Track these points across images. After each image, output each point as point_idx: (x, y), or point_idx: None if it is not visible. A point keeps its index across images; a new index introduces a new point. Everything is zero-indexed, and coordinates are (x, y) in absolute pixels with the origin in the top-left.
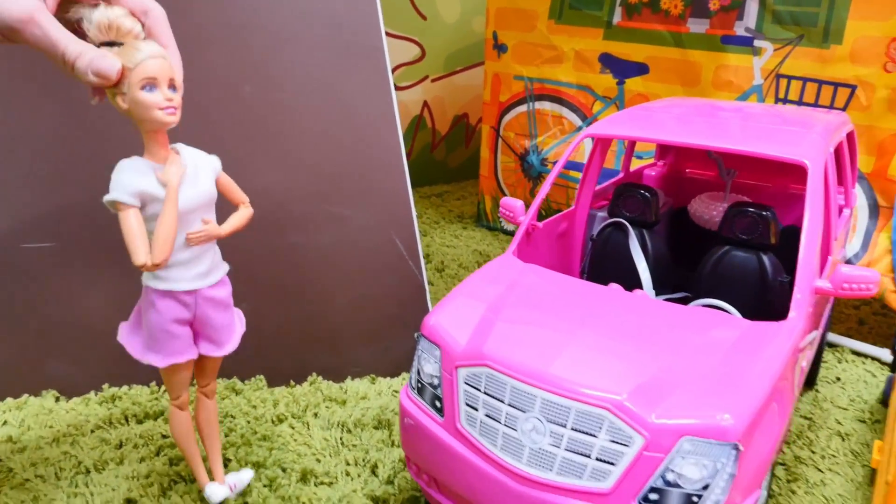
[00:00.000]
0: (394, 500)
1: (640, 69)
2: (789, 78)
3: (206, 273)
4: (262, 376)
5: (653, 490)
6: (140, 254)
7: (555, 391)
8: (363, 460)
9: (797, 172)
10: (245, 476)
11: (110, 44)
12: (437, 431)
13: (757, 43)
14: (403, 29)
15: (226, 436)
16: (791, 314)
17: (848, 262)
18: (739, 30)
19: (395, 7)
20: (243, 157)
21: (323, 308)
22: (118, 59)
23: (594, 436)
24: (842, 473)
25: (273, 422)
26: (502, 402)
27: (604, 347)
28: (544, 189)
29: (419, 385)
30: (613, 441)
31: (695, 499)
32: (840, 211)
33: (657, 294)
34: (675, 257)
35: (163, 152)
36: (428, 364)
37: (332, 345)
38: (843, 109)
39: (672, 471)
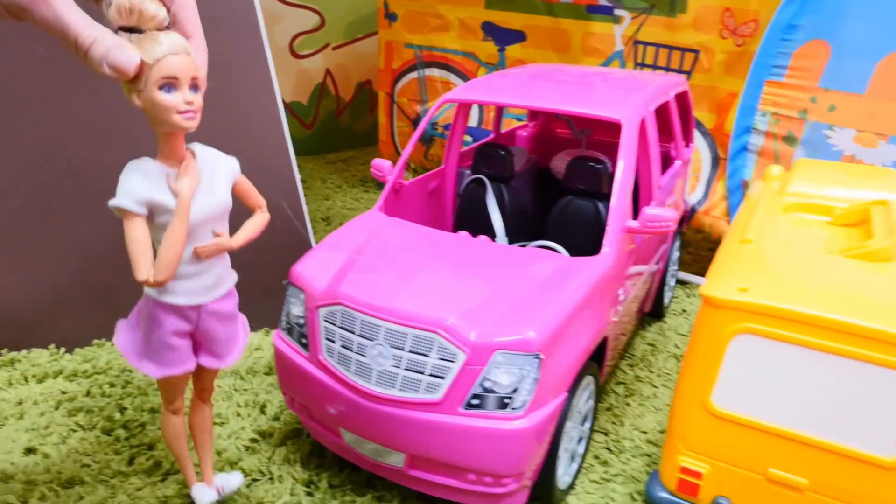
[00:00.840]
0: (278, 433)
1: (519, 36)
2: (645, 44)
3: (213, 286)
4: None
5: (474, 396)
6: (142, 269)
7: (395, 321)
8: (253, 402)
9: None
10: (234, 479)
11: (129, 29)
12: (304, 364)
13: (617, 12)
14: None
15: (122, 388)
16: (604, 249)
17: (692, 208)
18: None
19: None
20: (123, 130)
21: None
22: (137, 52)
23: (427, 355)
24: (671, 387)
25: None
26: (354, 333)
27: (439, 283)
28: (406, 150)
29: (288, 326)
30: (442, 359)
31: (506, 400)
32: (672, 162)
33: (512, 241)
34: (539, 208)
35: (178, 155)
36: (295, 307)
37: None
38: (690, 72)
39: (488, 379)
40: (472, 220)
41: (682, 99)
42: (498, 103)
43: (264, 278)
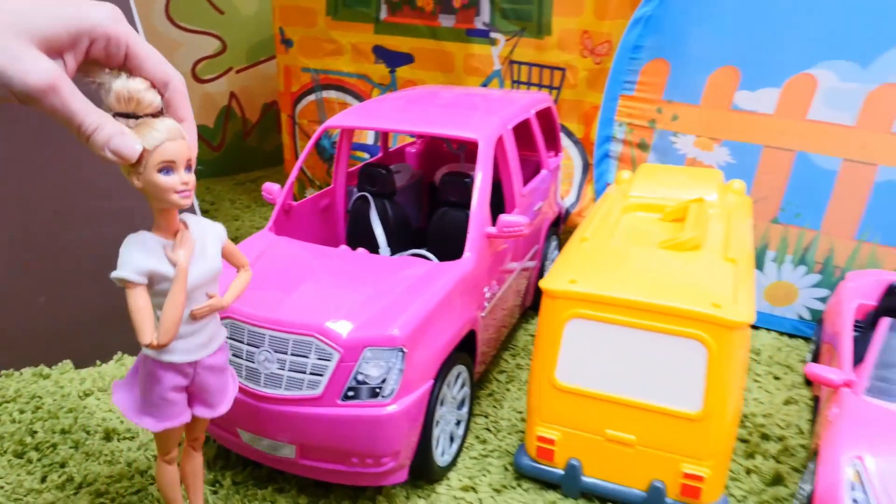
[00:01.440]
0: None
1: (407, 59)
2: (519, 63)
3: (207, 343)
4: (68, 360)
5: (350, 389)
6: (146, 334)
7: (277, 328)
8: None
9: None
10: None
11: (126, 115)
12: None
13: (492, 35)
14: (201, 24)
15: (33, 412)
16: (465, 254)
17: (567, 210)
18: (478, 24)
19: (191, 3)
20: (26, 158)
21: (121, 292)
22: (139, 140)
23: (307, 357)
24: None
25: (80, 396)
26: (242, 342)
27: (317, 293)
28: (293, 172)
29: None
30: (320, 358)
31: (377, 390)
32: (538, 170)
33: (395, 251)
34: (424, 220)
35: (172, 228)
36: None
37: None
38: (559, 87)
39: (361, 373)
40: (359, 234)
41: (546, 114)
42: (369, 128)
43: None
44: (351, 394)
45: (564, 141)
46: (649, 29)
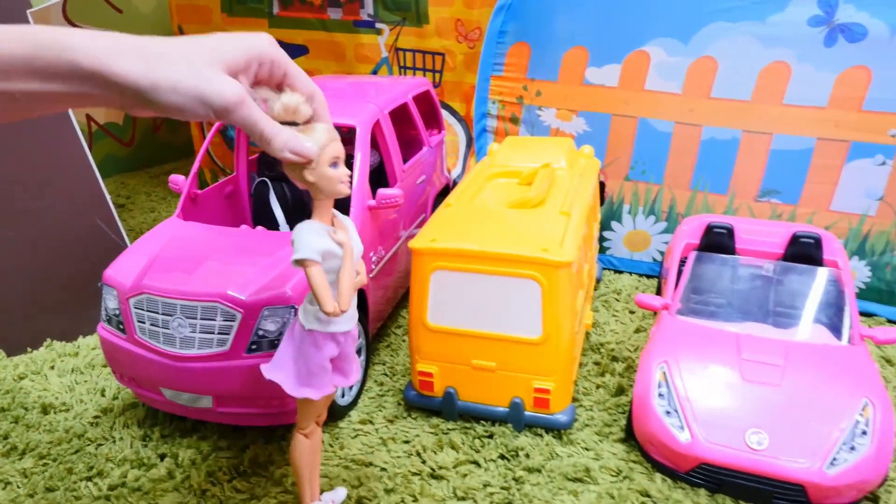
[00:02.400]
0: (117, 407)
1: (302, 50)
2: (404, 50)
3: (353, 315)
4: (0, 350)
5: (253, 343)
6: (329, 303)
7: (187, 298)
8: (94, 389)
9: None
10: (341, 492)
11: (287, 123)
12: (124, 344)
13: (377, 25)
14: (100, 23)
15: None
16: None
17: (455, 181)
18: (364, 15)
19: (89, 2)
20: None
21: (48, 286)
22: (311, 141)
23: (214, 320)
24: None
25: (15, 380)
26: (158, 313)
27: (220, 266)
28: (195, 164)
29: (108, 317)
30: (225, 320)
31: (275, 341)
32: (421, 148)
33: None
34: None
35: (329, 216)
36: (110, 301)
37: (61, 313)
38: (441, 71)
39: (261, 329)
40: (262, 216)
41: (425, 96)
42: None
43: (91, 285)
44: (254, 347)
45: (450, 118)
46: (511, 15)
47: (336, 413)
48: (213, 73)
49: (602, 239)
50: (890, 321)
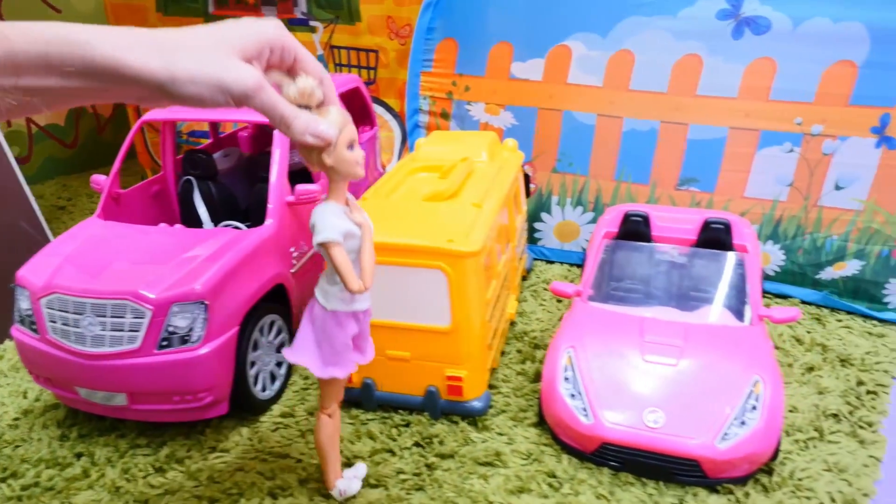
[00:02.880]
0: (38, 409)
1: None
2: (339, 48)
3: (368, 295)
4: None
5: (163, 339)
6: (355, 281)
7: (97, 296)
8: (16, 392)
9: None
10: (361, 469)
11: (301, 107)
12: (37, 344)
13: (312, 23)
14: None
15: None
16: (266, 221)
17: None
18: (297, 13)
19: (26, 1)
20: None
21: None
22: (328, 124)
23: (124, 317)
24: None
25: None
26: (68, 312)
27: (132, 264)
28: (117, 162)
29: (20, 318)
30: (136, 317)
31: (185, 337)
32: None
33: (217, 225)
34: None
35: (344, 197)
36: (22, 302)
37: None
38: (375, 68)
39: (171, 325)
40: (188, 215)
41: (356, 93)
42: (180, 119)
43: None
44: (165, 343)
45: (385, 115)
46: (438, 12)
47: (255, 406)
48: (230, 61)
49: (533, 230)
50: (803, 301)
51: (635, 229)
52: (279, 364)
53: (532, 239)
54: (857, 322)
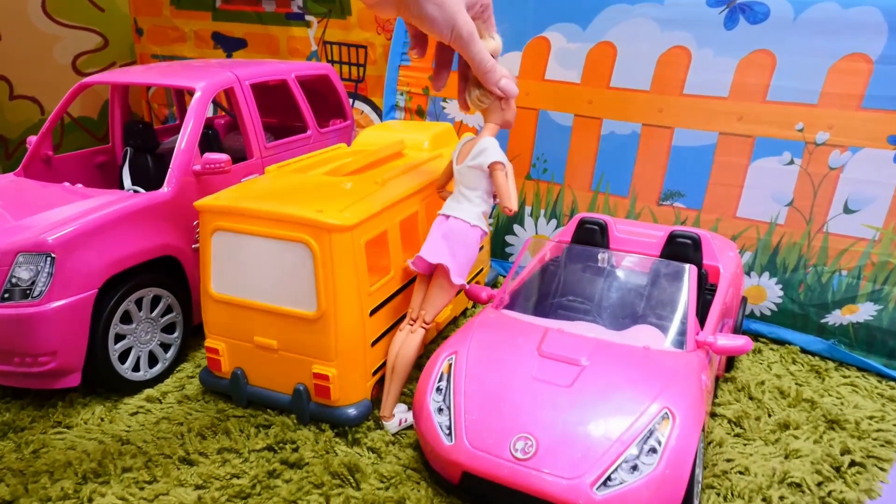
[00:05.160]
0: None
1: (241, 44)
2: (331, 43)
3: None
4: None
5: (6, 291)
6: (515, 200)
7: None
8: None
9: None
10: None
11: None
12: None
13: (307, 17)
14: (81, 20)
15: None
16: (163, 188)
17: None
18: (294, 8)
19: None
20: None
21: None
22: (515, 82)
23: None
24: None
25: None
26: None
27: (16, 215)
28: (47, 123)
29: None
30: None
31: (27, 291)
32: (304, 130)
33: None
34: None
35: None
36: None
37: None
38: (364, 64)
39: (14, 276)
40: (121, 183)
41: (325, 81)
42: (125, 83)
43: None
44: (6, 295)
45: (372, 115)
46: None
47: (120, 385)
48: (462, 8)
49: (504, 244)
50: (804, 350)
51: (589, 238)
52: (165, 347)
53: (503, 253)
54: (868, 381)
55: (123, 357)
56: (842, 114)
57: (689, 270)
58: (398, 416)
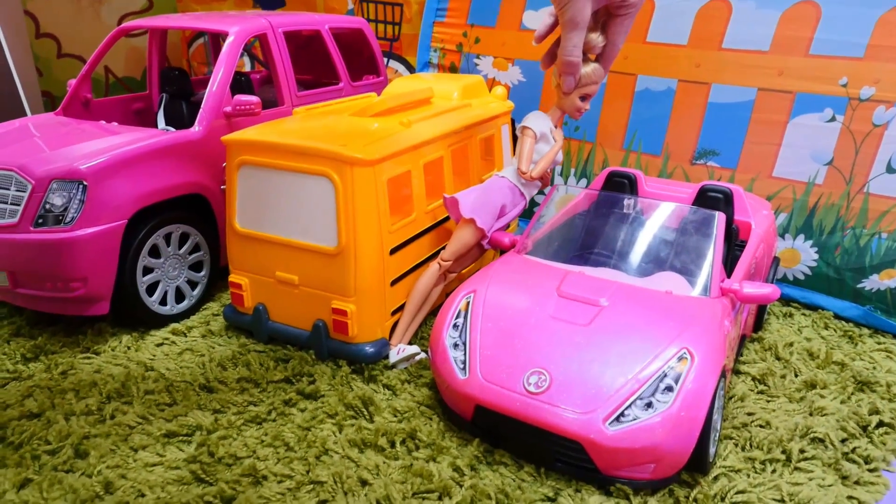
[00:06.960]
0: None
1: (280, 2)
2: (368, 1)
3: (534, 190)
4: None
5: (40, 217)
6: (525, 164)
7: None
8: None
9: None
10: (420, 353)
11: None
12: None
13: None
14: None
15: None
16: (194, 127)
17: None
18: None
19: None
20: None
21: None
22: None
23: (8, 189)
24: None
25: None
26: None
27: (35, 144)
28: (86, 67)
29: None
30: (18, 190)
31: (60, 217)
32: (337, 82)
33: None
34: None
35: (557, 121)
36: None
37: None
38: (400, 23)
39: (48, 202)
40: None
41: (359, 35)
42: (165, 27)
43: None
44: (41, 221)
45: (405, 73)
46: None
47: (148, 318)
48: (588, 8)
49: (533, 203)
50: (837, 316)
51: (618, 193)
52: (193, 285)
53: (530, 213)
54: None
55: (151, 291)
56: (889, 67)
57: (718, 217)
58: (400, 346)
